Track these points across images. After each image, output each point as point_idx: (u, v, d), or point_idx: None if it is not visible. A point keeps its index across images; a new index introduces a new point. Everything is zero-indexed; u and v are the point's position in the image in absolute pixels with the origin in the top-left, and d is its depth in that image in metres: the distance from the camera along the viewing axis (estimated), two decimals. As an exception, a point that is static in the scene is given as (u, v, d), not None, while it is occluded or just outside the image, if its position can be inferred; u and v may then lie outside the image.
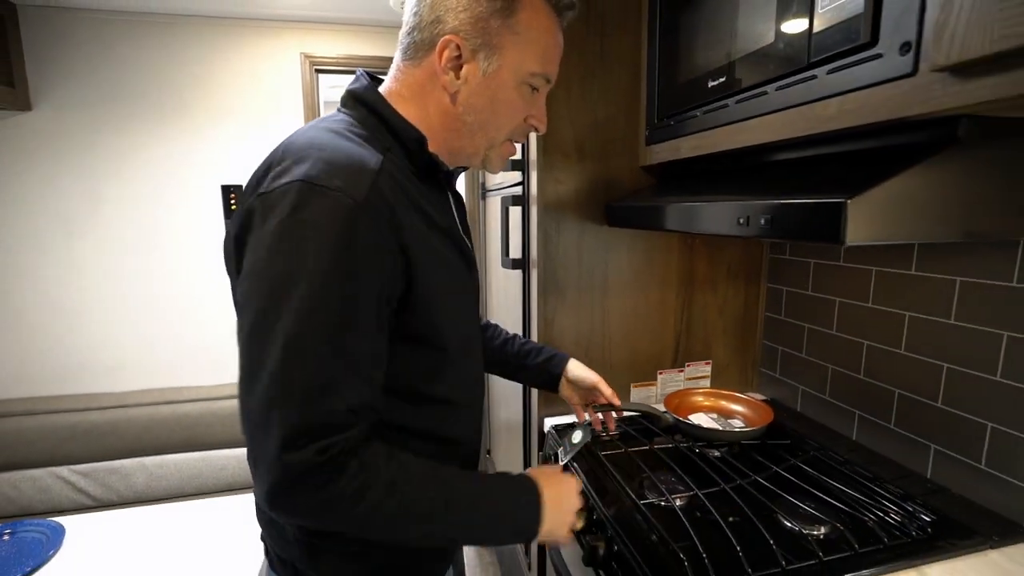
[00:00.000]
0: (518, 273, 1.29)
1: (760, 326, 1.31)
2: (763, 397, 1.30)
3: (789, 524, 0.76)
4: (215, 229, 2.14)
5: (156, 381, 2.13)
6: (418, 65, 0.63)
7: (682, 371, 1.27)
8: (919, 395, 0.91)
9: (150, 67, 2.02)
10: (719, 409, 1.14)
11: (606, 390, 0.91)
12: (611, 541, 0.78)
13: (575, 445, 0.92)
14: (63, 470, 1.85)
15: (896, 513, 0.78)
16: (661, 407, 1.07)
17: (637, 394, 1.24)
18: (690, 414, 1.11)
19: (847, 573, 0.66)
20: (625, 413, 0.94)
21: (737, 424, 1.09)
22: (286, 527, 0.63)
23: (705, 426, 1.04)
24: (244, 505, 1.51)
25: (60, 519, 1.46)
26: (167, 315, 2.15)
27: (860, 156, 0.68)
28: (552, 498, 0.64)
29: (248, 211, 0.53)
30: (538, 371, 0.93)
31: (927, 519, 0.76)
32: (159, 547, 1.32)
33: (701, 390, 1.19)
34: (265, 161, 0.56)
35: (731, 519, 0.77)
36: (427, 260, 0.58)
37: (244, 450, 0.54)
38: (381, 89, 0.66)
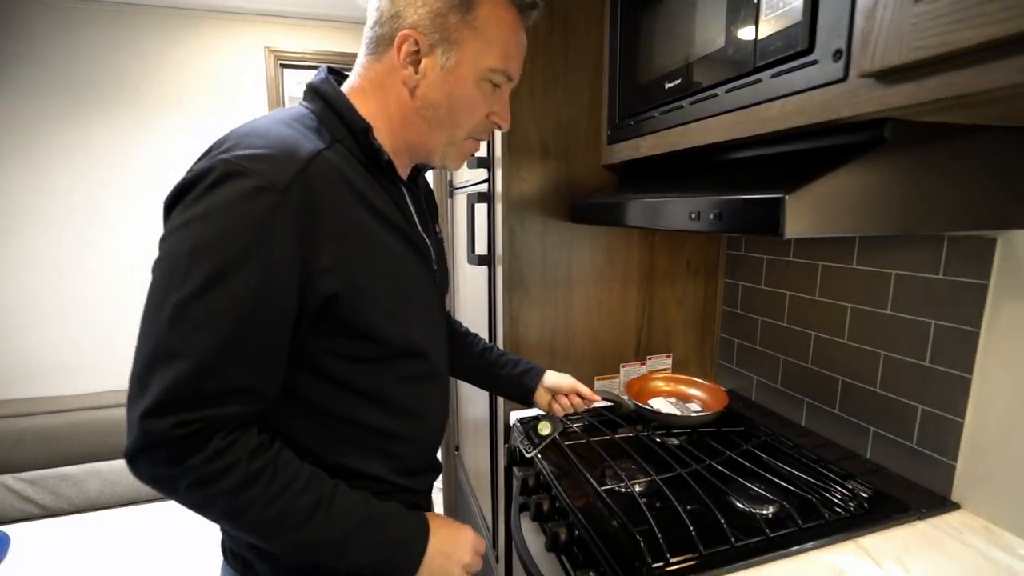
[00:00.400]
0: (483, 269, 1.30)
1: (718, 320, 1.37)
2: (720, 388, 1.35)
3: (740, 505, 0.80)
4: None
5: (113, 382, 2.06)
6: (379, 59, 0.64)
7: (644, 363, 1.31)
8: (860, 381, 0.97)
9: (105, 57, 1.95)
10: (678, 394, 1.19)
11: (584, 390, 0.94)
12: (572, 527, 0.81)
13: (544, 437, 0.94)
14: (7, 478, 1.76)
15: (838, 491, 0.83)
16: (625, 394, 1.11)
17: (600, 386, 1.28)
18: (651, 399, 1.15)
19: (791, 546, 0.71)
20: (603, 400, 0.98)
21: (695, 408, 1.13)
22: None
23: (664, 411, 1.08)
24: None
25: (4, 528, 1.39)
26: (125, 313, 2.08)
27: (804, 155, 0.72)
28: (439, 548, 0.63)
29: (178, 186, 0.54)
30: (514, 382, 0.95)
31: (865, 496, 0.82)
32: (115, 553, 1.27)
33: (662, 375, 1.23)
34: (209, 146, 0.57)
35: (686, 502, 0.80)
36: (366, 254, 0.59)
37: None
38: (346, 84, 0.67)
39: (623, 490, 0.85)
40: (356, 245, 0.58)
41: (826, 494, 0.82)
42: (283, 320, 0.54)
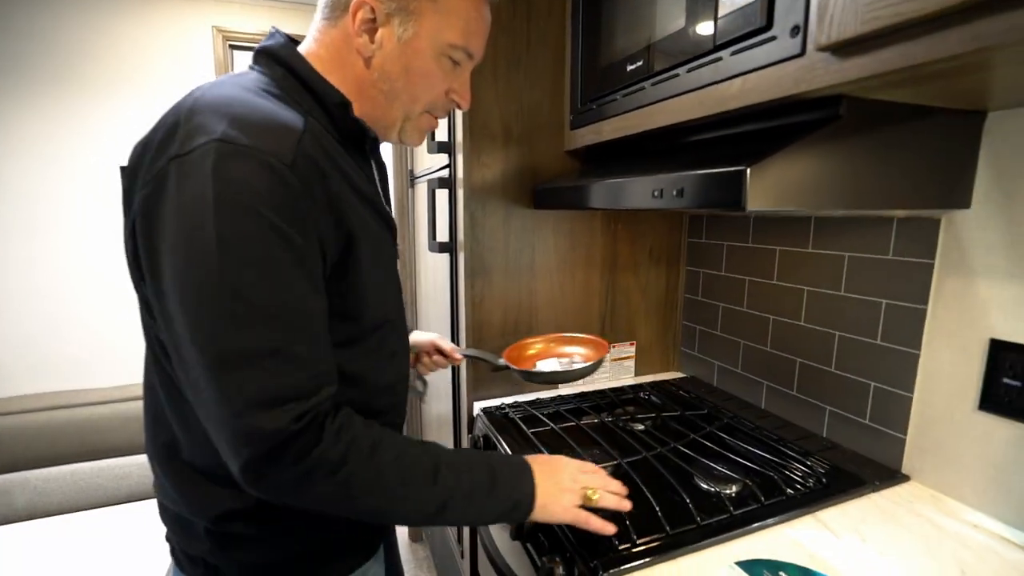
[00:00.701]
0: (445, 257, 1.28)
1: (680, 307, 1.38)
2: (683, 375, 1.37)
3: (705, 485, 0.80)
4: (112, 215, 1.95)
5: (44, 384, 1.91)
6: (335, 25, 0.60)
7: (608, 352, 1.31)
8: (816, 362, 1.00)
9: (37, 34, 1.81)
10: (555, 354, 1.11)
11: (445, 345, 0.96)
12: (538, 513, 0.79)
13: (421, 392, 1.04)
14: (-76, 493, 1.60)
15: (797, 469, 0.85)
16: (502, 360, 1.03)
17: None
18: (536, 362, 1.08)
19: (754, 523, 0.71)
20: (464, 356, 0.99)
21: (578, 364, 1.06)
22: (195, 521, 0.58)
23: (548, 370, 1.02)
24: (147, 511, 1.37)
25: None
26: (58, 310, 1.93)
27: (764, 134, 0.73)
28: (544, 471, 0.64)
29: (159, 176, 0.48)
30: None
31: (822, 472, 0.84)
32: (43, 568, 1.18)
33: (540, 339, 1.13)
34: (169, 118, 0.51)
35: (652, 484, 0.80)
36: (354, 226, 0.57)
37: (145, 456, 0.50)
38: (300, 48, 0.63)
39: (589, 475, 0.84)
40: (347, 216, 0.56)
41: (786, 472, 0.84)
42: (323, 294, 0.53)
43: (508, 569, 0.81)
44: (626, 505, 0.68)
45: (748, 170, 0.56)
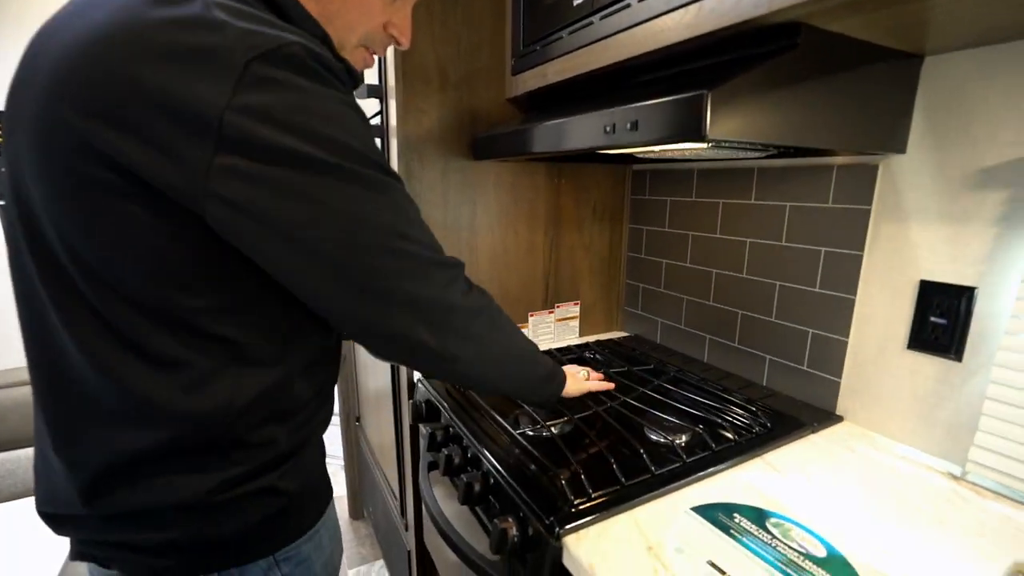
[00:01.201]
0: (381, 214, 1.18)
1: (623, 265, 1.37)
2: (627, 334, 1.37)
3: (656, 436, 0.79)
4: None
5: None
6: None
7: (552, 312, 1.28)
8: (757, 313, 1.01)
9: None
10: None
11: None
12: (487, 476, 0.75)
13: None
14: None
15: (742, 416, 0.85)
16: None
17: (511, 338, 1.22)
18: None
19: (706, 468, 0.70)
20: None
21: None
22: (164, 512, 0.49)
23: None
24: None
25: None
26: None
27: (719, 68, 0.69)
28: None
29: (251, 79, 0.40)
30: None
31: (766, 417, 0.85)
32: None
33: None
34: (199, 31, 0.40)
35: (604, 438, 0.78)
36: None
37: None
38: None
39: (540, 433, 0.81)
40: None
41: (732, 419, 0.84)
42: None
43: (457, 536, 0.76)
44: (608, 384, 0.89)
45: (709, 94, 0.52)
